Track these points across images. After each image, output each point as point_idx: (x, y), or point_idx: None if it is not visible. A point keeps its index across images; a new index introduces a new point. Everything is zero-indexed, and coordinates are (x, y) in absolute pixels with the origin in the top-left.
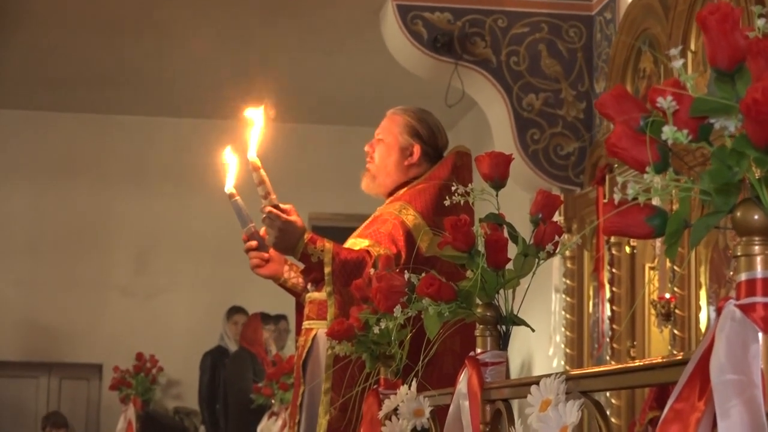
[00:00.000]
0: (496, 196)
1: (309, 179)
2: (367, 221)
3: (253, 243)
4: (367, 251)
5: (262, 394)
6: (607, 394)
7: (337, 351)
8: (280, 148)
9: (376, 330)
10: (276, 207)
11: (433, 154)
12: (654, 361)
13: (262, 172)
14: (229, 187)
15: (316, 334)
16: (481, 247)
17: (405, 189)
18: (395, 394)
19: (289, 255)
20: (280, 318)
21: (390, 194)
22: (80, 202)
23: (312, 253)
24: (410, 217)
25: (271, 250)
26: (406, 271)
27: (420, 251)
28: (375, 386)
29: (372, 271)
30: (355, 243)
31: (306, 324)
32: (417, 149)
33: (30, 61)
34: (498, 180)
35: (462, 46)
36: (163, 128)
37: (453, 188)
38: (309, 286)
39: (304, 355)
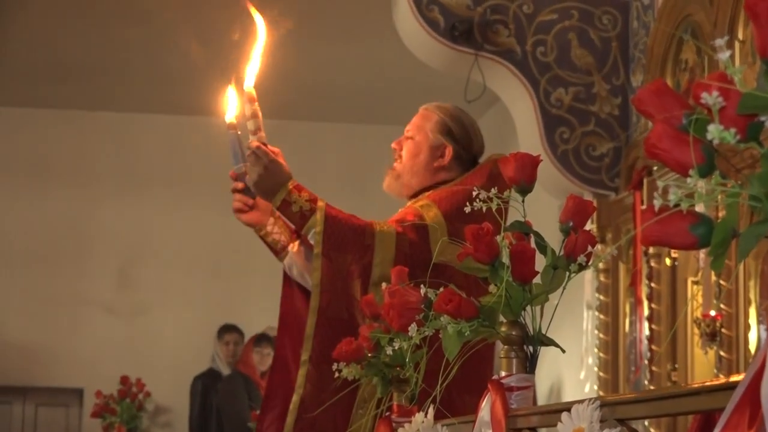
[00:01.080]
0: (522, 201)
1: (315, 182)
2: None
3: (240, 184)
4: (370, 222)
5: None
6: (646, 422)
7: (344, 375)
8: (283, 149)
9: (388, 351)
10: (264, 145)
11: (466, 158)
12: (699, 386)
13: (257, 105)
14: (230, 117)
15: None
16: (505, 259)
17: (431, 192)
18: (410, 422)
19: (268, 199)
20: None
21: (413, 197)
22: (57, 208)
23: (294, 201)
24: (431, 213)
25: (261, 202)
26: (408, 260)
27: (428, 249)
28: (387, 413)
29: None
30: None
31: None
32: (449, 150)
33: (2, 52)
34: (524, 184)
35: (483, 35)
36: (151, 126)
37: (475, 194)
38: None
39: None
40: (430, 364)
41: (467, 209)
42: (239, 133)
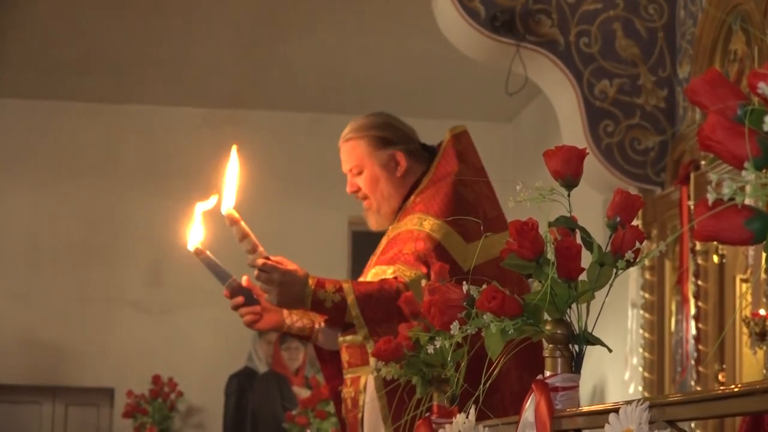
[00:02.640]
0: (568, 196)
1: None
2: (381, 246)
3: (240, 299)
4: (395, 278)
5: (296, 423)
6: (692, 424)
7: (383, 374)
8: (312, 144)
9: (429, 350)
10: (267, 259)
11: (414, 148)
12: (752, 387)
13: (243, 224)
14: (194, 243)
15: (365, 382)
16: (550, 255)
17: (412, 197)
18: (451, 423)
19: (297, 308)
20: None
21: (395, 215)
22: (87, 204)
23: (324, 298)
24: (435, 227)
25: (263, 301)
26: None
27: (457, 266)
28: (427, 414)
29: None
30: (378, 274)
31: (351, 372)
32: (400, 155)
33: (30, 43)
34: (570, 178)
35: (525, 25)
36: (183, 120)
37: (518, 188)
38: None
39: (361, 410)
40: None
41: (511, 204)
42: (208, 253)
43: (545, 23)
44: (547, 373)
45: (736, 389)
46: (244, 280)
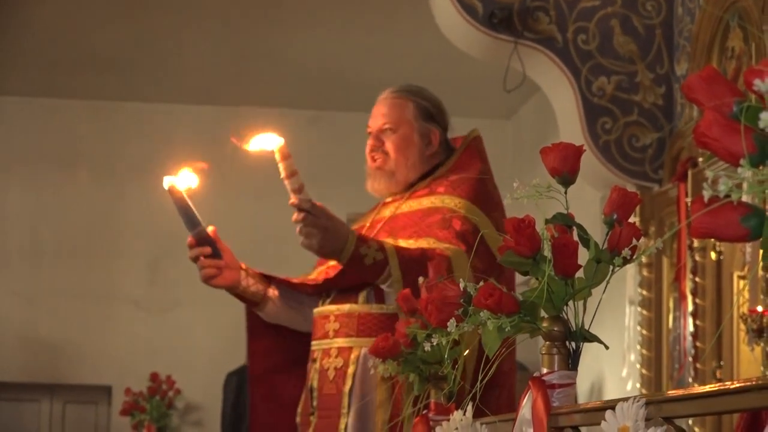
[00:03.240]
0: (565, 193)
1: (346, 175)
2: (393, 219)
3: (207, 249)
4: (434, 250)
5: None
6: (690, 421)
7: (380, 371)
8: (312, 140)
9: (426, 347)
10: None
11: (444, 138)
12: (749, 384)
13: (292, 161)
14: (169, 180)
15: (359, 355)
16: (547, 252)
17: (428, 180)
18: (448, 420)
19: (331, 258)
20: None
21: (405, 190)
22: (87, 202)
23: (365, 254)
24: (471, 210)
25: (226, 257)
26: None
27: (493, 255)
28: (424, 411)
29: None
30: (412, 245)
31: (339, 342)
32: (436, 135)
33: (30, 41)
34: (567, 175)
35: (523, 22)
36: (181, 116)
37: (515, 185)
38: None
39: (350, 380)
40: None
41: (507, 201)
42: (184, 194)
43: (543, 20)
44: (544, 370)
45: (733, 386)
46: (211, 230)
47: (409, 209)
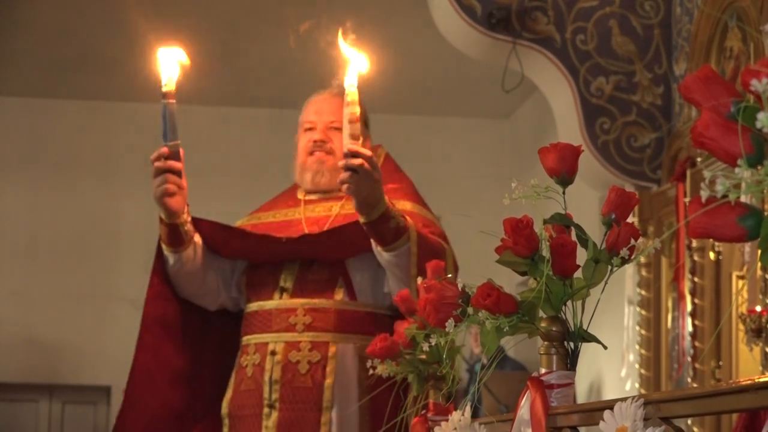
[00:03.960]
0: (563, 193)
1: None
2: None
3: (178, 165)
4: (439, 241)
5: None
6: (689, 421)
7: (379, 372)
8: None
9: (424, 347)
10: None
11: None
12: (747, 383)
13: (357, 108)
14: (168, 83)
15: (336, 351)
16: (545, 253)
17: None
18: (446, 420)
19: (367, 211)
20: None
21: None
22: (84, 202)
23: (393, 216)
24: (437, 221)
25: (184, 181)
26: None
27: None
28: (423, 412)
29: None
30: None
31: (312, 336)
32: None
33: (29, 42)
34: (565, 175)
35: (521, 23)
36: (180, 117)
37: (513, 185)
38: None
39: (330, 376)
40: None
41: (506, 201)
42: (174, 103)
43: (541, 20)
44: (543, 370)
45: (731, 386)
46: (181, 151)
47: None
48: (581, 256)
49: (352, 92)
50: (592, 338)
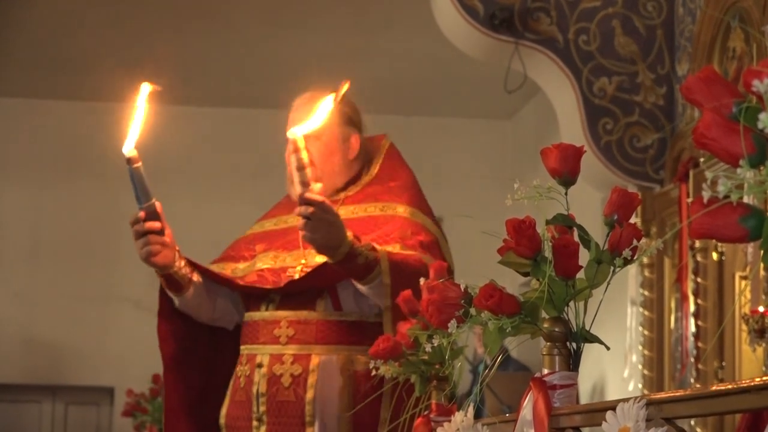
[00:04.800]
0: (566, 194)
1: None
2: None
3: (158, 224)
4: (420, 259)
5: None
6: (692, 421)
7: (382, 372)
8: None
9: (427, 348)
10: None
11: (364, 140)
12: (749, 384)
13: (305, 154)
14: (130, 148)
15: (319, 362)
16: (548, 253)
17: (361, 185)
18: (449, 421)
19: (328, 253)
20: None
21: (332, 195)
22: (86, 203)
23: (360, 253)
24: (427, 222)
25: (168, 235)
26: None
27: (448, 264)
28: (426, 412)
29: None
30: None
31: (295, 348)
32: (356, 140)
33: (30, 42)
34: (568, 176)
35: (523, 23)
36: (183, 118)
37: (516, 185)
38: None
39: (311, 389)
40: None
41: (508, 202)
42: (140, 166)
43: (544, 21)
44: (545, 371)
45: (734, 386)
46: (158, 206)
47: (354, 216)
48: (584, 256)
49: (298, 139)
50: (594, 339)
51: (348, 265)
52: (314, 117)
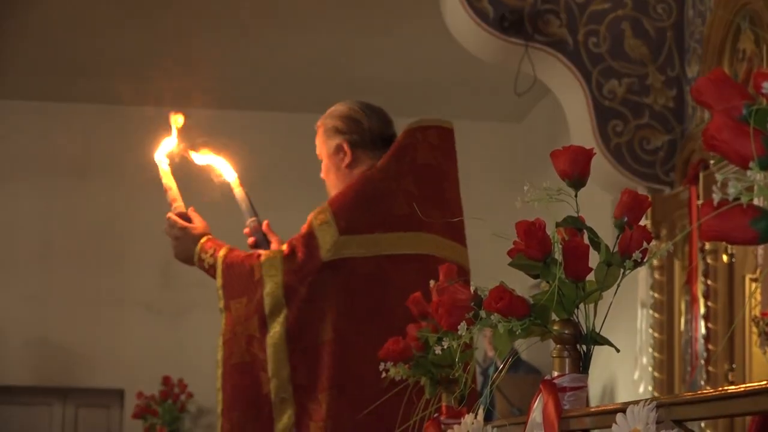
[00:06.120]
0: (576, 196)
1: None
2: None
3: (251, 240)
4: (260, 254)
5: None
6: (702, 424)
7: (392, 374)
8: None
9: (437, 350)
10: (180, 215)
11: (370, 139)
12: (759, 386)
13: (169, 179)
14: (232, 177)
15: None
16: (558, 255)
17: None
18: (459, 423)
19: (186, 263)
20: None
21: None
22: (97, 205)
23: (204, 259)
24: (321, 216)
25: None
26: (298, 273)
27: (317, 254)
28: (435, 415)
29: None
30: None
31: None
32: (344, 145)
33: (42, 46)
34: (578, 178)
35: (533, 25)
36: (193, 120)
37: (526, 188)
38: None
39: None
40: None
41: (518, 204)
42: (241, 190)
43: (554, 23)
44: (555, 373)
45: (743, 388)
46: (264, 225)
47: None
48: (594, 259)
49: (159, 164)
50: (604, 341)
51: (201, 269)
52: (160, 148)
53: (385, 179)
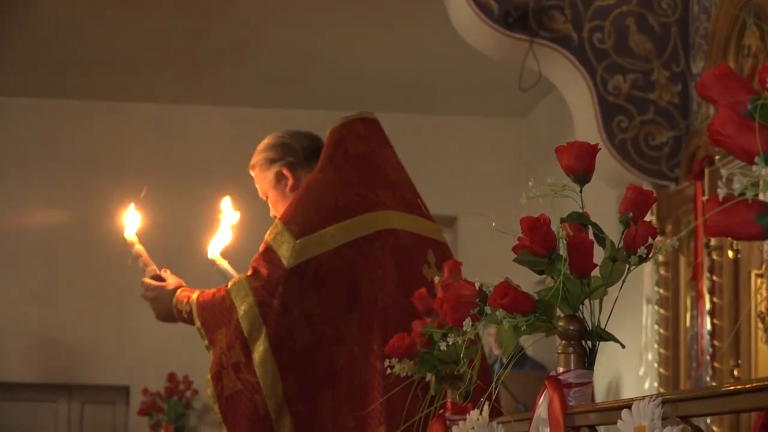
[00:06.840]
0: (580, 192)
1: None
2: None
3: None
4: (227, 284)
5: None
6: (707, 420)
7: (397, 371)
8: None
9: (442, 346)
10: (155, 277)
11: (305, 158)
12: (764, 382)
13: (138, 246)
14: (213, 253)
15: None
16: (563, 251)
17: None
18: (464, 419)
19: (173, 322)
20: None
21: None
22: (102, 202)
23: (182, 310)
24: (274, 230)
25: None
26: (267, 288)
27: (280, 264)
28: (441, 411)
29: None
30: None
31: None
32: (284, 170)
33: (44, 42)
34: (582, 174)
35: (538, 21)
36: (194, 117)
37: (531, 184)
38: None
39: None
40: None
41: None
42: (224, 263)
43: (558, 19)
44: (560, 369)
45: (749, 385)
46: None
47: None
48: (599, 254)
49: (129, 238)
50: (610, 337)
51: (183, 321)
52: (128, 222)
53: (324, 177)
